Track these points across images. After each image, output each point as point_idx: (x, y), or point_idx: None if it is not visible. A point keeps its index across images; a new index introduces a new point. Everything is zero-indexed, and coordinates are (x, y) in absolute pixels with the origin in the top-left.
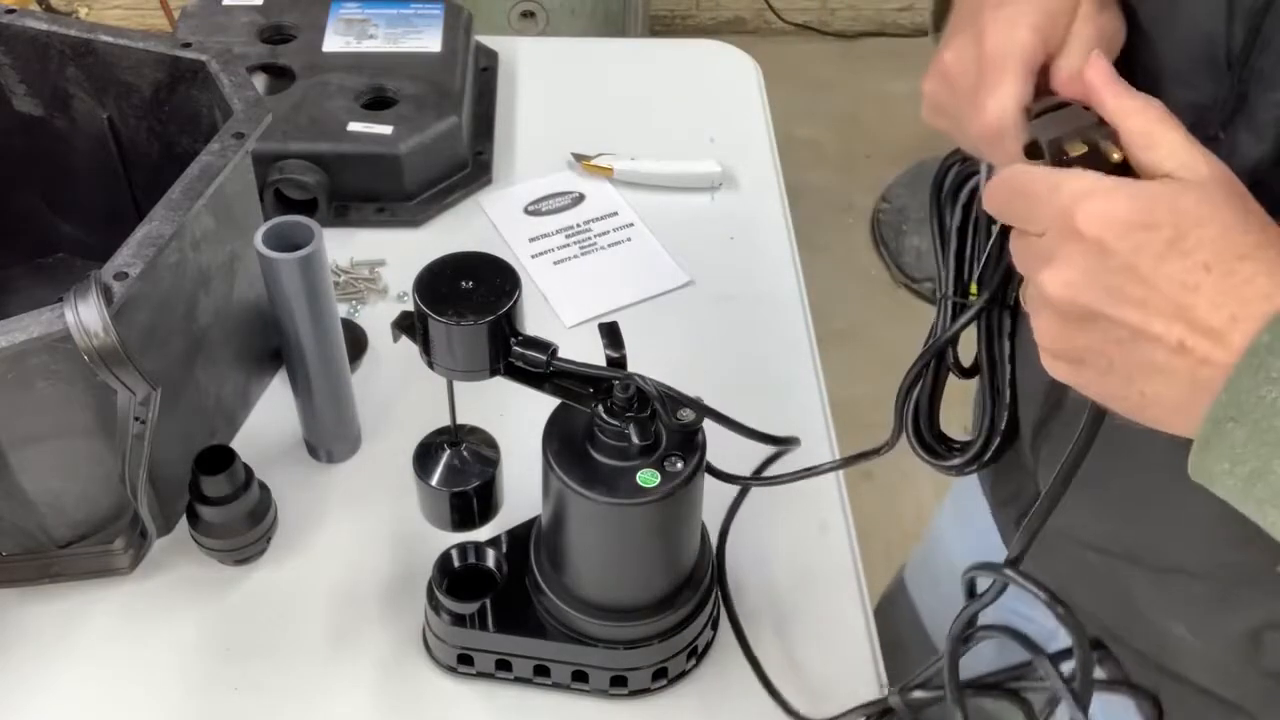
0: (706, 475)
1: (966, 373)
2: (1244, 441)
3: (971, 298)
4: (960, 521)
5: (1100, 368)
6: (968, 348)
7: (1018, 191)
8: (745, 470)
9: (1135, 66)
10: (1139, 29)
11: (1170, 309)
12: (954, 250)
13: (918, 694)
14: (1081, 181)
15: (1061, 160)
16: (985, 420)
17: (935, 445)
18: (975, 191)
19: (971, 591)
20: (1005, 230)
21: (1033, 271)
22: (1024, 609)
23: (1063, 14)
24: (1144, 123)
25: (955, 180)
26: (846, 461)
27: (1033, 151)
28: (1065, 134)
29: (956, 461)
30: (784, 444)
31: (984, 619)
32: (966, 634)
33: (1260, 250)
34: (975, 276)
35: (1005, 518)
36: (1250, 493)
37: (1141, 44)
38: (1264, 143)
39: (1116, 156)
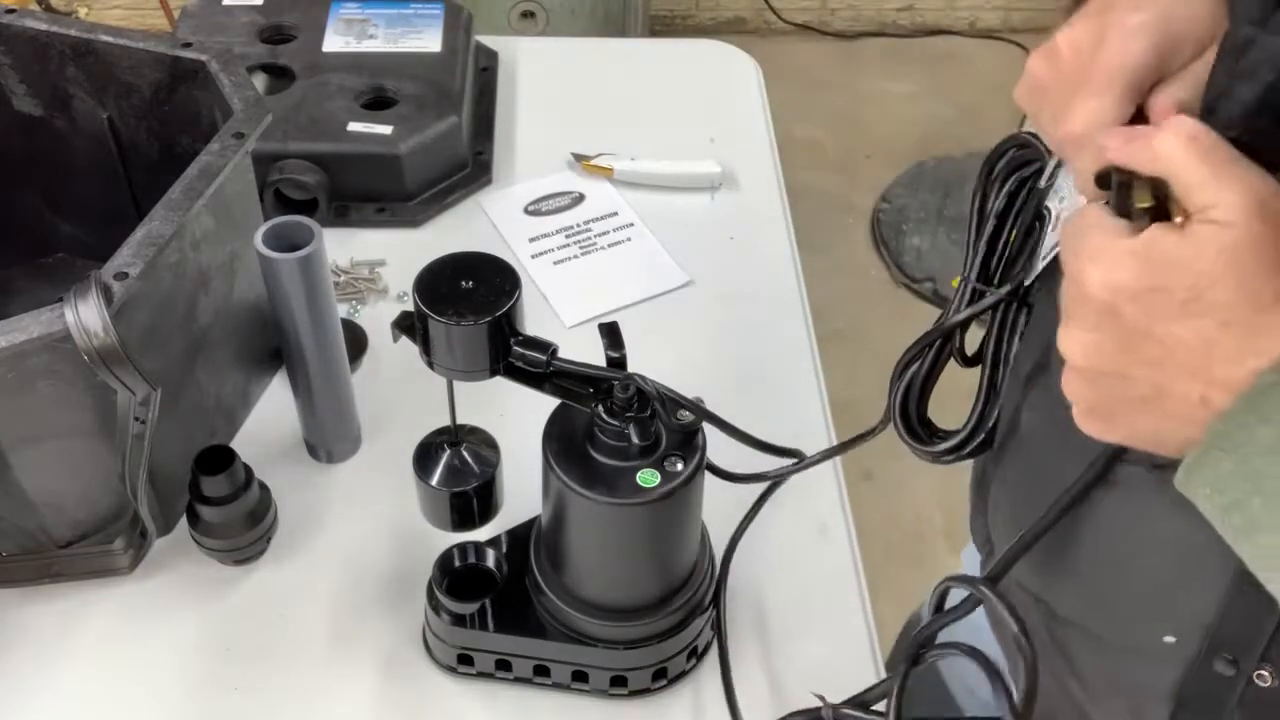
0: (711, 477)
1: (969, 361)
2: (1229, 473)
3: (991, 288)
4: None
5: (1126, 422)
6: (974, 348)
7: (1067, 232)
8: (746, 469)
9: None
10: None
11: (1189, 367)
12: (988, 234)
13: (852, 712)
14: (1097, 240)
15: (1125, 206)
16: (975, 413)
17: (919, 429)
18: (1026, 181)
19: (939, 606)
20: (1033, 224)
21: (1060, 327)
22: (980, 640)
23: (1189, 43)
24: (1170, 171)
25: (1009, 165)
26: (841, 448)
27: (1103, 181)
28: (1137, 181)
29: (938, 448)
30: (784, 455)
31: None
32: (921, 652)
33: None
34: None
35: (979, 536)
36: (1227, 520)
37: None
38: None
39: (1179, 220)
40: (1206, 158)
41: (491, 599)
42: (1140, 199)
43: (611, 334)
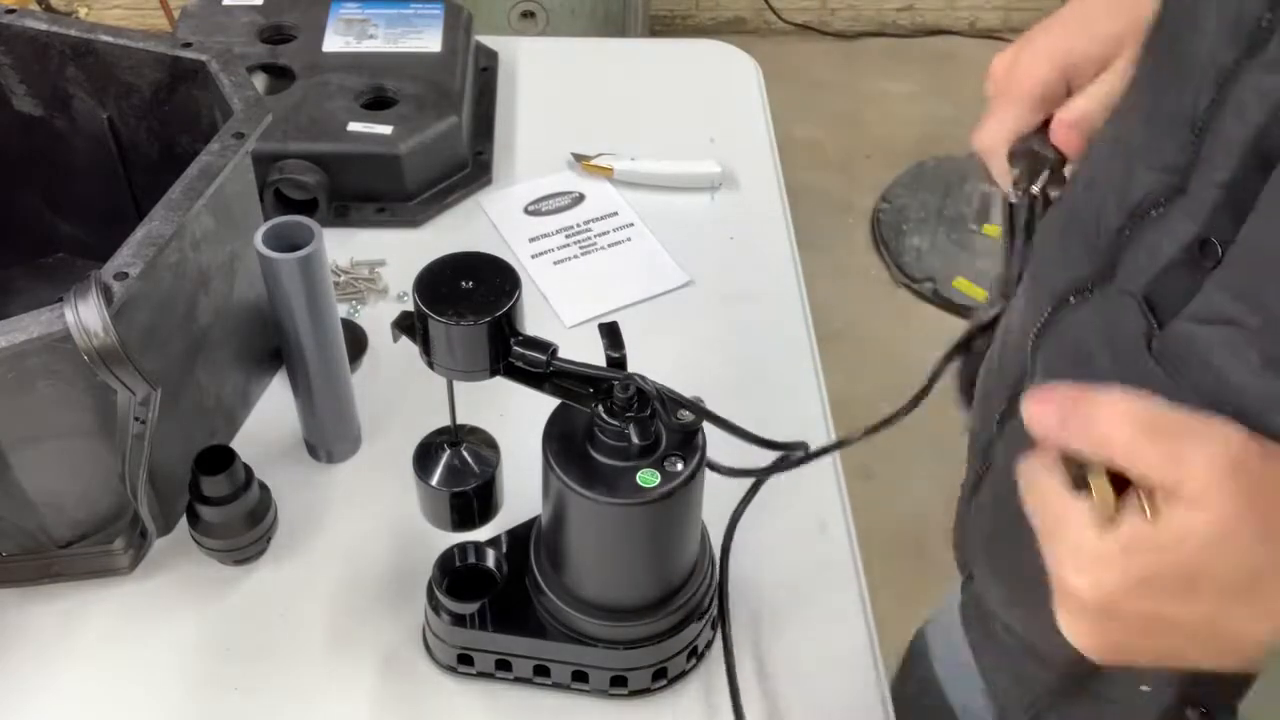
0: (711, 475)
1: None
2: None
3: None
4: None
5: (1147, 659)
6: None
7: (1029, 493)
8: (746, 465)
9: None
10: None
11: (1200, 639)
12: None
13: None
14: (1073, 538)
15: (1083, 479)
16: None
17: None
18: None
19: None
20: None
21: (1058, 610)
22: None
23: (1091, 64)
24: (1125, 454)
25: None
26: (866, 432)
27: (1014, 159)
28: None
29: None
30: (785, 449)
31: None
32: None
33: None
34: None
35: (959, 562)
36: None
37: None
38: (1195, 223)
39: (1148, 513)
40: (1155, 437)
41: (491, 599)
42: (1097, 484)
43: (611, 334)
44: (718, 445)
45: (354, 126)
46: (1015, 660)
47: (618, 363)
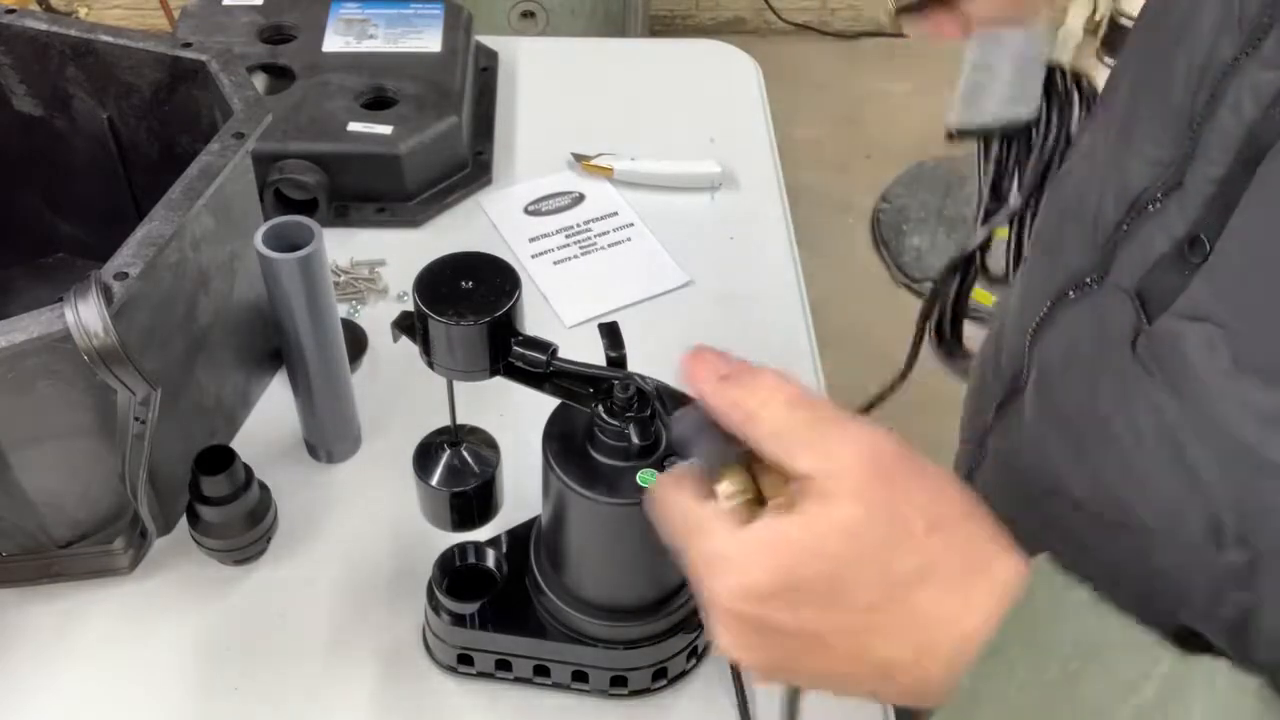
0: None
1: (994, 280)
2: None
3: (1003, 204)
4: None
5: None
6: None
7: (663, 516)
8: None
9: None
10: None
11: (849, 655)
12: (994, 156)
13: None
14: (713, 540)
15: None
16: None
17: (952, 346)
18: None
19: None
20: (1028, 135)
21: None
22: None
23: None
24: (772, 432)
25: None
26: (867, 407)
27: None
28: (716, 465)
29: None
30: None
31: None
32: None
33: (928, 571)
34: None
35: None
36: None
37: (1150, 73)
38: (1187, 218)
39: (777, 501)
40: (807, 425)
41: (491, 599)
42: (730, 490)
43: (611, 334)
44: None
45: (354, 126)
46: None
47: (618, 363)
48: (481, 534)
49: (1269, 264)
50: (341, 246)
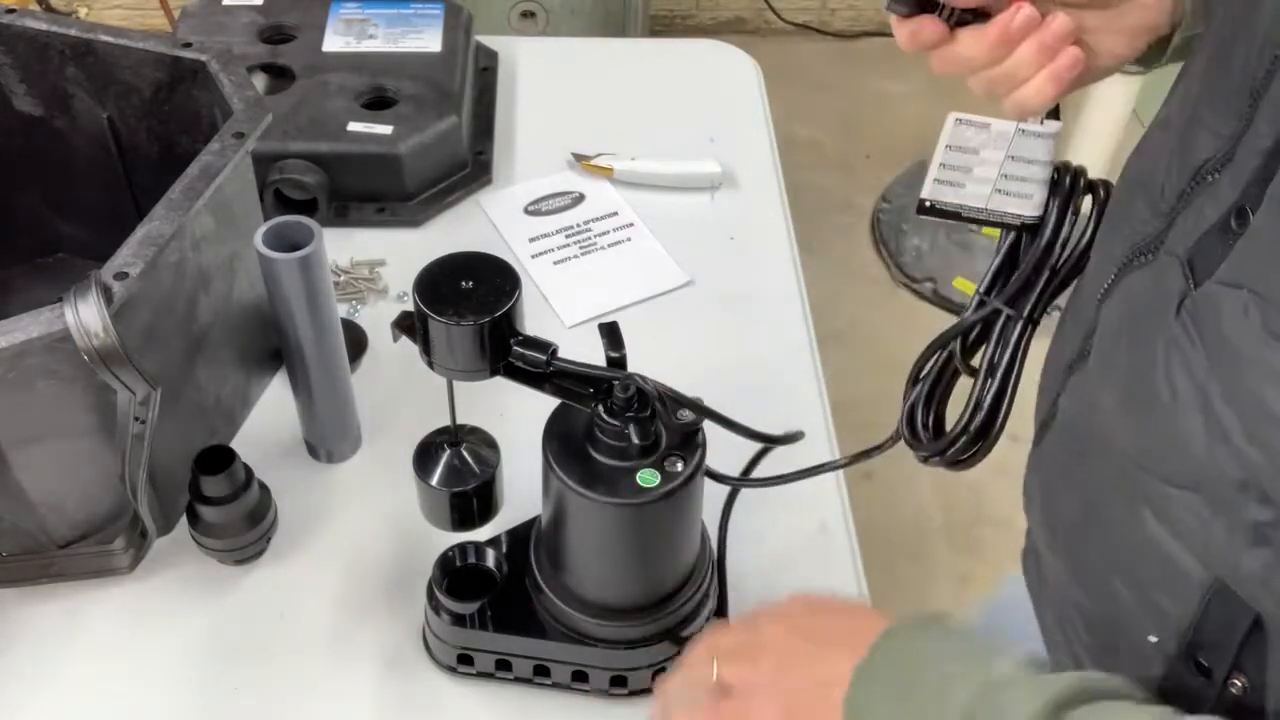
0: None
1: (972, 371)
2: None
3: (992, 299)
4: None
5: None
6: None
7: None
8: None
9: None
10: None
11: None
12: (1006, 248)
13: None
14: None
15: None
16: (960, 421)
17: (921, 433)
18: None
19: None
20: (1018, 239)
21: None
22: None
23: None
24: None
25: None
26: (850, 460)
27: None
28: None
29: (923, 454)
30: (787, 441)
31: None
32: None
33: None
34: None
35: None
36: None
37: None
38: (1236, 189)
39: None
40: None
41: (491, 599)
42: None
43: (611, 334)
44: (717, 444)
45: (354, 126)
46: (1059, 602)
47: (618, 363)
48: (481, 534)
49: None
50: (341, 246)
